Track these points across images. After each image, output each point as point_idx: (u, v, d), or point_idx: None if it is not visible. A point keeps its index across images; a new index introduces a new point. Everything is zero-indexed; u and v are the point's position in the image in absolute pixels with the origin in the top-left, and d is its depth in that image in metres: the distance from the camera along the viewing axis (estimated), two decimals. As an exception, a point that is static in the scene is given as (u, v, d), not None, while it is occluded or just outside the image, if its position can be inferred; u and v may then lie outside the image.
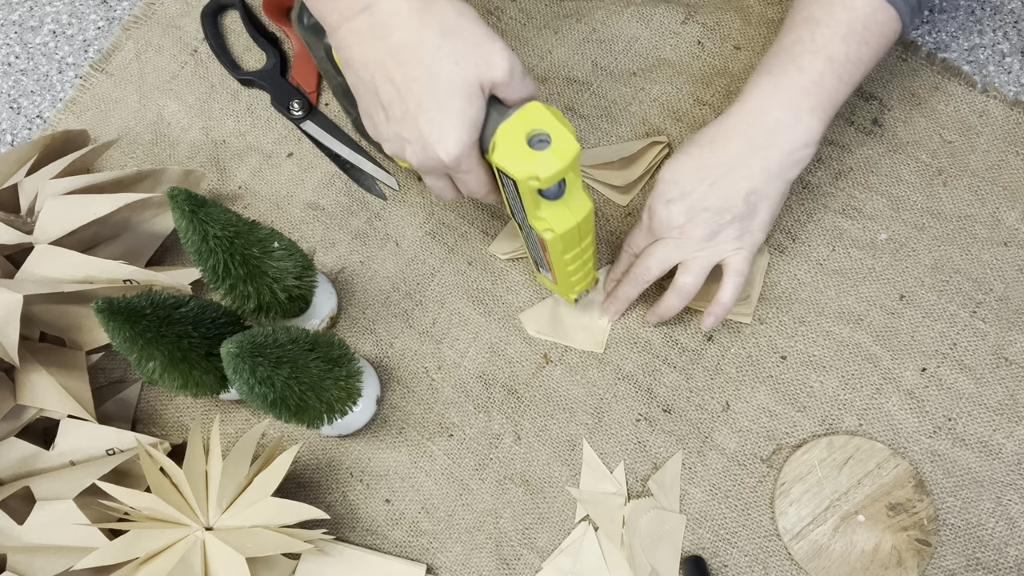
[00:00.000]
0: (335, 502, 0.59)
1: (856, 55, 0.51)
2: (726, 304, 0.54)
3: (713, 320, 0.55)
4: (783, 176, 0.53)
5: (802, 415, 0.58)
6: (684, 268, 0.55)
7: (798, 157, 0.52)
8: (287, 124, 0.69)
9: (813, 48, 0.51)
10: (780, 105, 0.52)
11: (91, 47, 0.74)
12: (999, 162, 0.61)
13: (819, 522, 0.55)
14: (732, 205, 0.52)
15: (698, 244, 0.54)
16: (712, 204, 0.52)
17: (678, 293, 0.55)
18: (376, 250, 0.64)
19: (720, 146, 0.53)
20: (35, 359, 0.55)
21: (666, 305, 0.56)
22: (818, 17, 0.51)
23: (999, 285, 0.59)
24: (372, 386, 0.58)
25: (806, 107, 0.51)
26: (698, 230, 0.53)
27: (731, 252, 0.54)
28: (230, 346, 0.43)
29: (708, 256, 0.54)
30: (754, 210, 0.53)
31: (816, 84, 0.51)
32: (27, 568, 0.51)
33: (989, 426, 0.56)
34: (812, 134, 0.52)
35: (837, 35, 0.51)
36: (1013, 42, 0.66)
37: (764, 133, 0.52)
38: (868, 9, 0.50)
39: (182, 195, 0.46)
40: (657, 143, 0.64)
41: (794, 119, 0.51)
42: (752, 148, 0.52)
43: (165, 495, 0.50)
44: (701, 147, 0.53)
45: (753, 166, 0.52)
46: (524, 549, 0.57)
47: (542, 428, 0.59)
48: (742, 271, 0.54)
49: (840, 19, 0.51)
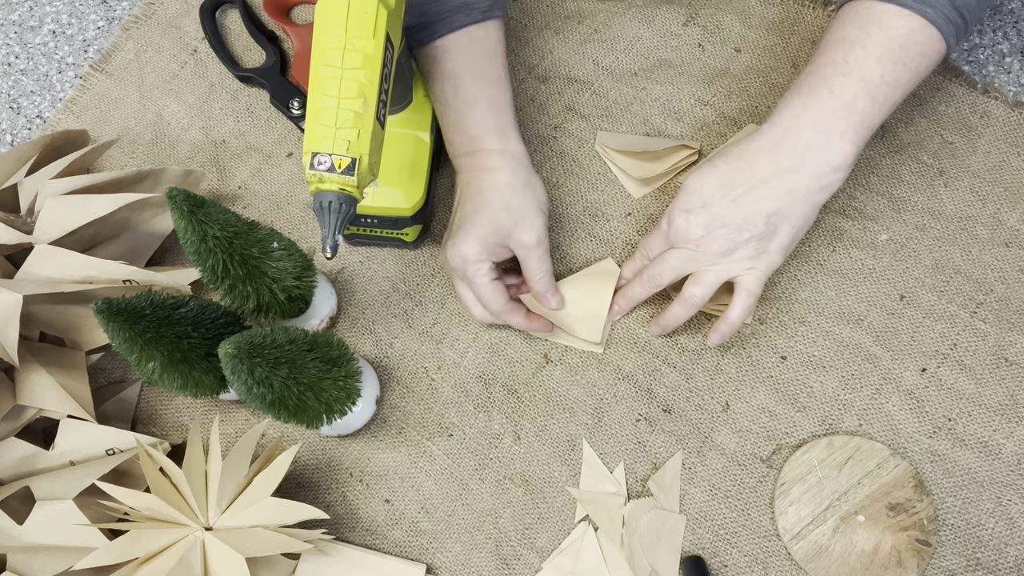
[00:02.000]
0: (335, 502, 0.59)
1: (892, 77, 0.49)
2: (734, 323, 0.54)
3: (719, 337, 0.55)
4: (809, 200, 0.51)
5: (802, 415, 0.58)
6: (694, 280, 0.54)
7: (827, 181, 0.51)
8: (287, 124, 0.69)
9: (846, 69, 0.50)
10: (810, 127, 0.50)
11: (91, 47, 0.74)
12: (1000, 163, 0.61)
13: (819, 522, 0.55)
14: (752, 224, 0.51)
15: (712, 258, 0.53)
16: (732, 220, 0.52)
17: (685, 304, 0.55)
18: (376, 250, 0.64)
19: (747, 164, 0.52)
20: (35, 359, 0.55)
21: (671, 315, 0.56)
22: (853, 38, 0.50)
23: (1000, 286, 0.59)
24: (372, 386, 0.58)
25: (837, 130, 0.50)
26: (715, 244, 0.52)
27: (744, 271, 0.53)
28: (228, 347, 0.43)
29: (721, 272, 0.53)
30: (774, 232, 0.52)
31: (848, 107, 0.50)
32: (27, 568, 0.51)
33: (989, 426, 0.56)
34: (843, 158, 0.50)
35: (872, 56, 0.49)
36: (1013, 42, 0.66)
37: (792, 155, 0.51)
38: (906, 29, 0.49)
39: (181, 195, 0.46)
40: (687, 147, 0.63)
41: (825, 142, 0.50)
42: (779, 169, 0.51)
43: (165, 495, 0.50)
44: (728, 162, 0.53)
45: (778, 187, 0.51)
46: (524, 549, 0.57)
47: (542, 428, 0.59)
48: (753, 292, 0.53)
49: (876, 40, 0.49)
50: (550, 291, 0.57)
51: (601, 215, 0.64)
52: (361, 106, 0.42)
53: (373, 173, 0.44)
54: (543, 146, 0.66)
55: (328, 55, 0.42)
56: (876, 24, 0.49)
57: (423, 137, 0.59)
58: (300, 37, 0.69)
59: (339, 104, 0.41)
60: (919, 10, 0.48)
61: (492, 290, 0.55)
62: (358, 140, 0.42)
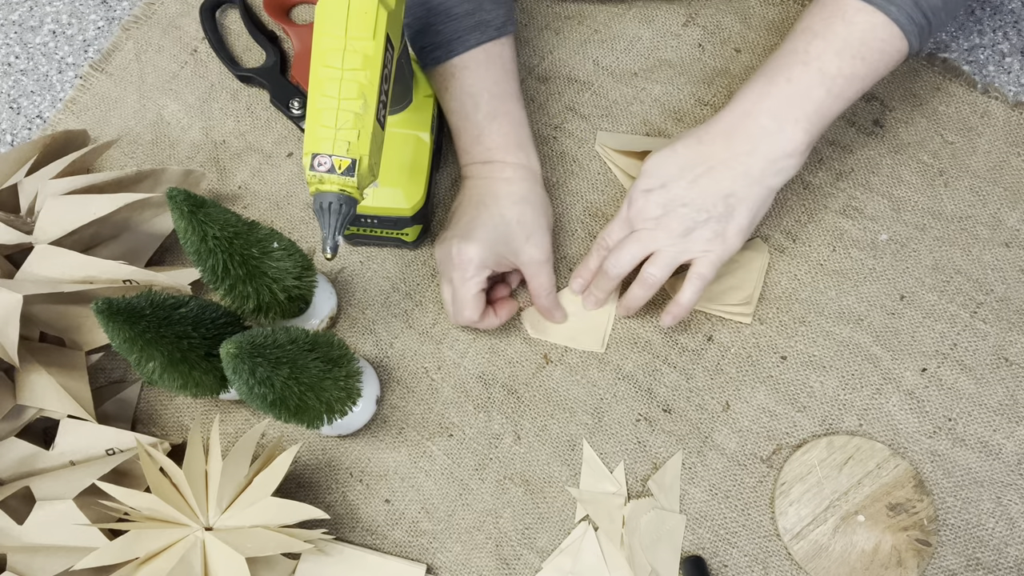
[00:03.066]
0: (335, 502, 0.59)
1: (850, 70, 0.50)
2: (684, 305, 0.55)
3: (671, 319, 0.56)
4: (764, 183, 0.52)
5: (802, 415, 0.58)
6: (652, 260, 0.55)
7: (781, 166, 0.52)
8: (287, 124, 0.69)
9: (805, 59, 0.51)
10: (766, 112, 0.51)
11: (91, 47, 0.74)
12: (1000, 163, 0.61)
13: (819, 522, 0.55)
14: (710, 204, 0.52)
15: (671, 239, 0.54)
16: (691, 200, 0.53)
17: (643, 283, 0.56)
18: (376, 250, 0.64)
19: (705, 146, 0.53)
20: (35, 359, 0.55)
21: (631, 296, 0.57)
22: (816, 29, 0.51)
23: (1000, 286, 0.59)
24: (372, 386, 0.58)
25: (791, 117, 0.51)
26: (674, 223, 0.53)
27: (700, 253, 0.54)
28: (229, 347, 0.43)
29: (678, 252, 0.54)
30: (731, 213, 0.53)
31: (803, 96, 0.51)
32: (27, 568, 0.51)
33: (989, 426, 0.56)
34: (795, 145, 0.51)
35: (831, 48, 0.50)
36: (1013, 42, 0.66)
37: (748, 139, 0.52)
38: (868, 25, 0.50)
39: (181, 195, 0.46)
40: None
41: (778, 128, 0.51)
42: (735, 153, 0.52)
43: (165, 495, 0.50)
44: (687, 145, 0.54)
45: (735, 169, 0.52)
46: (524, 549, 0.57)
47: (542, 428, 0.59)
48: (705, 275, 0.54)
49: (837, 33, 0.50)
50: (555, 307, 0.59)
51: (601, 215, 0.64)
52: (361, 107, 0.42)
53: (373, 174, 0.44)
54: (543, 146, 0.66)
55: (328, 56, 0.42)
56: (840, 17, 0.50)
57: (423, 137, 0.59)
58: (300, 37, 0.69)
59: (339, 105, 0.41)
60: (883, 7, 0.49)
61: (477, 301, 0.56)
62: (358, 141, 0.42)
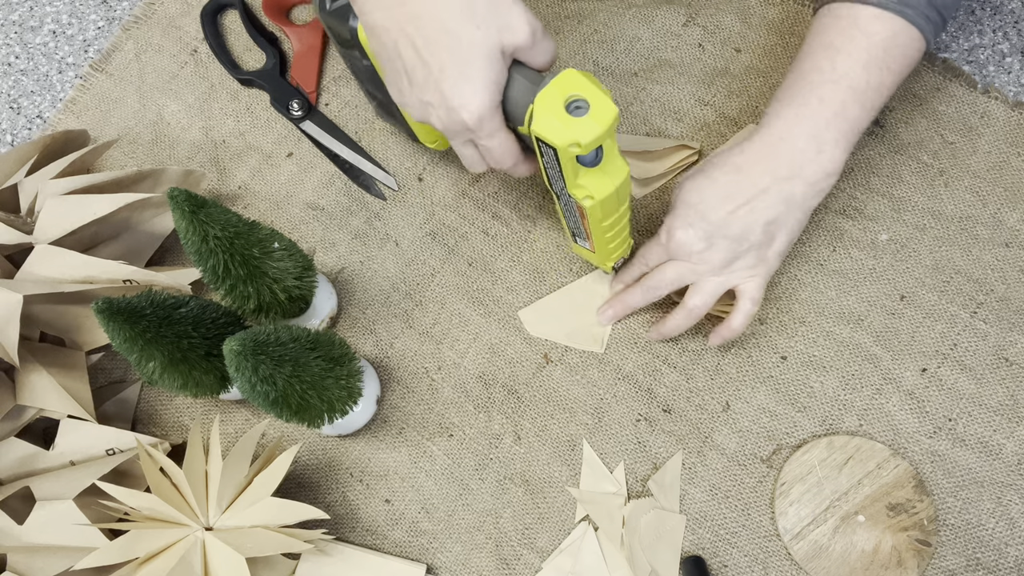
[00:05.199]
0: (335, 502, 0.59)
1: (878, 81, 0.50)
2: (736, 329, 0.55)
3: (720, 340, 0.56)
4: (804, 206, 0.52)
5: (802, 415, 0.58)
6: (696, 290, 0.54)
7: (821, 187, 0.52)
8: (287, 124, 0.69)
9: (833, 77, 0.50)
10: (803, 136, 0.50)
11: (91, 47, 0.74)
12: (1000, 163, 0.61)
13: (819, 522, 0.55)
14: (751, 234, 0.52)
15: (714, 269, 0.53)
16: (732, 232, 0.52)
17: (687, 314, 0.55)
18: (376, 250, 0.64)
19: (744, 175, 0.52)
20: (35, 359, 0.55)
21: (672, 324, 0.56)
22: (837, 44, 0.50)
23: (1000, 286, 0.59)
24: (372, 386, 0.58)
25: (830, 138, 0.50)
26: (716, 256, 0.53)
27: (746, 279, 0.54)
28: (233, 344, 0.43)
29: (722, 282, 0.54)
30: (772, 239, 0.52)
31: (838, 115, 0.50)
32: (27, 568, 0.51)
33: (989, 426, 0.56)
34: (836, 164, 0.51)
35: (858, 63, 0.49)
36: (1013, 42, 0.66)
37: (787, 164, 0.51)
38: (888, 32, 0.49)
39: (182, 195, 0.46)
40: (687, 147, 0.63)
41: (817, 150, 0.50)
42: (776, 179, 0.51)
43: (165, 495, 0.50)
44: (725, 174, 0.52)
45: (775, 196, 0.51)
46: (524, 549, 0.57)
47: (542, 428, 0.59)
48: (755, 298, 0.54)
49: (860, 46, 0.49)
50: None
51: (601, 215, 0.64)
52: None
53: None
54: (543, 146, 0.66)
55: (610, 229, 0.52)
56: (858, 29, 0.49)
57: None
58: (299, 37, 0.69)
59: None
60: (900, 11, 0.49)
61: (510, 141, 0.46)
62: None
